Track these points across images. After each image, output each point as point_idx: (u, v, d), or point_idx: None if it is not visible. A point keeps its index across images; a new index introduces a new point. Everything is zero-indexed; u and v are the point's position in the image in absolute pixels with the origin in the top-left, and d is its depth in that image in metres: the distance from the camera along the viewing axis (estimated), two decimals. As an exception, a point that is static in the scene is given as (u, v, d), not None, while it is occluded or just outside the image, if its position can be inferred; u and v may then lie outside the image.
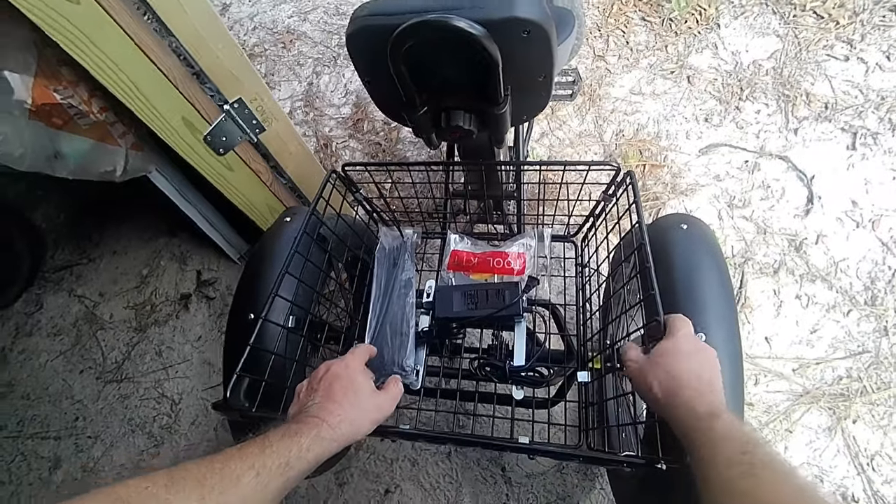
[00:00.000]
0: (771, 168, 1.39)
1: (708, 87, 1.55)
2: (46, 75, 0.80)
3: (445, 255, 0.94)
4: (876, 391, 1.08)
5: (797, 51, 1.53)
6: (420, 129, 0.65)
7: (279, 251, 0.79)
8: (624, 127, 1.54)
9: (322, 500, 1.17)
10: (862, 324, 1.16)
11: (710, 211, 1.36)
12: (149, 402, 1.40)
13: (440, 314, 0.84)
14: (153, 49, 0.85)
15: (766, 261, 1.27)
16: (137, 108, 0.87)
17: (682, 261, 0.71)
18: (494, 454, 1.16)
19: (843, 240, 1.26)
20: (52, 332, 1.57)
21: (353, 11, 0.54)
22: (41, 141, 0.87)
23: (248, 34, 2.05)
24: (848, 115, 1.41)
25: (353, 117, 1.76)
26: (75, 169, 0.94)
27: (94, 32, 0.75)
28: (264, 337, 0.69)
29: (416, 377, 0.83)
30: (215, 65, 0.95)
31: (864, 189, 1.31)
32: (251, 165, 1.13)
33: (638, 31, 1.69)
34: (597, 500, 1.08)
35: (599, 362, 0.80)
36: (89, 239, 1.72)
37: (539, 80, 0.58)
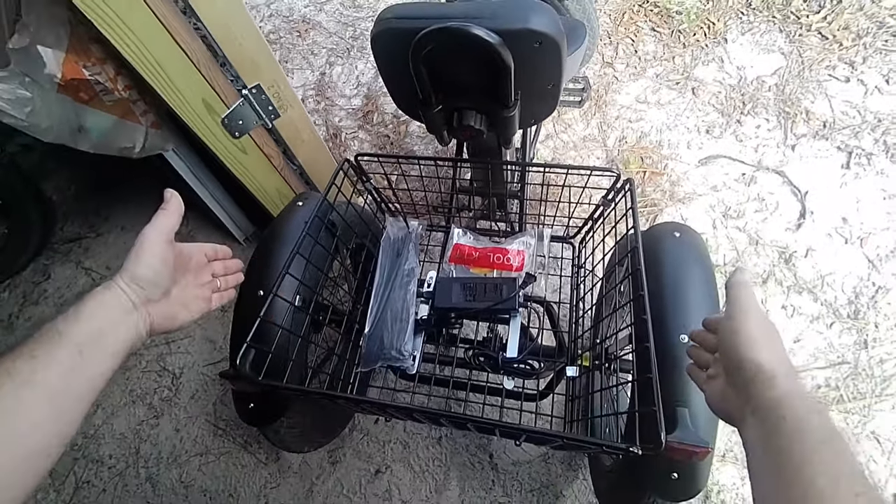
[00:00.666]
0: (767, 182, 1.43)
1: (711, 100, 1.58)
2: (77, 51, 0.83)
3: (448, 248, 0.98)
4: (851, 401, 1.13)
5: (800, 69, 1.57)
6: (433, 126, 0.69)
7: (291, 233, 0.83)
8: (627, 133, 1.58)
9: (315, 476, 1.22)
10: (844, 336, 1.21)
11: (705, 220, 1.40)
12: (150, 374, 1.44)
13: (439, 304, 0.88)
14: (179, 31, 0.88)
15: (755, 271, 1.31)
16: (161, 88, 0.91)
17: (671, 267, 0.75)
18: (483, 441, 1.21)
19: (832, 255, 1.31)
20: (58, 301, 1.61)
21: (379, 13, 0.58)
22: (67, 114, 0.90)
23: (265, 21, 2.07)
24: (845, 135, 1.45)
25: (363, 109, 1.79)
26: (97, 143, 0.98)
27: (125, 12, 0.79)
28: (272, 312, 0.72)
29: (413, 362, 0.87)
30: (237, 50, 0.98)
31: (855, 207, 1.36)
32: (264, 150, 1.17)
33: (647, 41, 1.73)
34: (579, 489, 1.13)
35: (588, 359, 0.84)
36: (98, 214, 1.76)
37: (548, 87, 0.61)
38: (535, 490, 1.14)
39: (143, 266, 0.50)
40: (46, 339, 0.42)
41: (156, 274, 0.51)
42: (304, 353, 0.83)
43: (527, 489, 1.14)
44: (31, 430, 0.39)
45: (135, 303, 0.49)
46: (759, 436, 0.43)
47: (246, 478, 1.25)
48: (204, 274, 0.60)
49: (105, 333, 0.46)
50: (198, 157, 1.27)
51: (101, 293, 0.48)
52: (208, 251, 0.61)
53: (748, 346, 0.47)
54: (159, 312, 0.53)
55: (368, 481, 1.21)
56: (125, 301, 0.49)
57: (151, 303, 0.51)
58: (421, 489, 1.18)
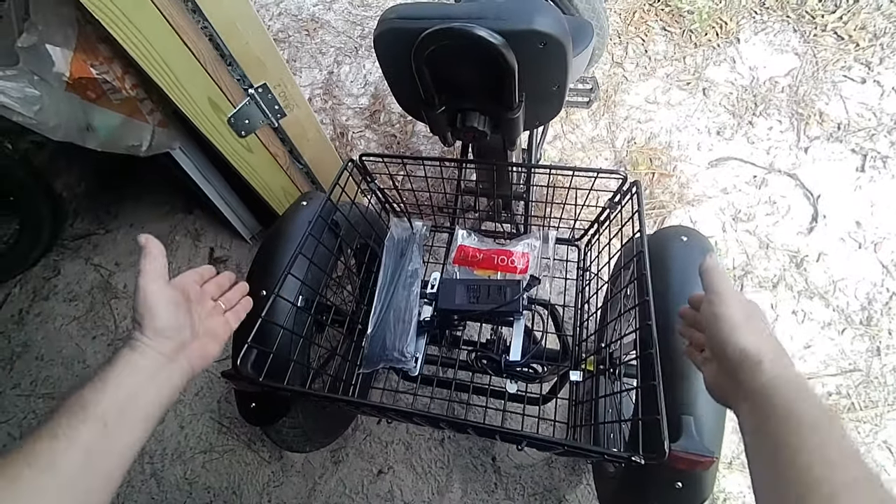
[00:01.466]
0: (778, 184, 1.41)
1: (722, 101, 1.56)
2: (85, 50, 0.84)
3: (452, 249, 0.98)
4: (864, 409, 1.11)
5: (814, 70, 1.54)
6: (437, 127, 0.68)
7: (294, 232, 0.83)
8: (636, 134, 1.56)
9: (318, 475, 1.22)
10: (856, 343, 1.18)
11: (714, 222, 1.38)
12: (157, 370, 1.44)
13: (443, 306, 0.88)
14: (186, 31, 0.88)
15: (765, 275, 1.29)
16: (168, 88, 0.91)
17: (678, 272, 0.74)
18: (486, 444, 1.20)
19: (844, 260, 1.28)
20: (67, 297, 1.62)
21: (382, 13, 0.57)
22: (75, 113, 0.91)
23: (273, 19, 2.08)
24: (860, 137, 1.42)
25: (370, 108, 1.79)
26: (104, 142, 0.98)
27: (132, 11, 0.79)
28: (274, 312, 0.72)
29: (415, 364, 0.86)
30: (243, 50, 0.98)
31: (869, 211, 1.33)
32: (270, 149, 1.17)
33: (657, 41, 1.71)
34: (582, 494, 1.11)
35: (592, 364, 0.83)
36: (108, 211, 1.77)
37: (553, 89, 0.60)
38: (537, 494, 1.13)
39: (159, 317, 0.48)
40: (69, 413, 0.41)
41: (175, 318, 0.50)
42: (306, 353, 0.83)
43: (529, 493, 1.14)
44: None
45: (167, 355, 0.48)
46: (752, 423, 0.43)
47: (249, 476, 1.25)
48: (205, 301, 0.58)
49: (135, 399, 0.44)
50: (204, 155, 1.28)
51: (127, 355, 0.46)
52: (195, 277, 0.59)
53: (730, 331, 0.46)
54: (195, 353, 0.52)
55: (371, 482, 1.20)
56: (155, 357, 0.47)
57: (185, 347, 0.50)
58: (423, 491, 1.18)
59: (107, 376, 0.44)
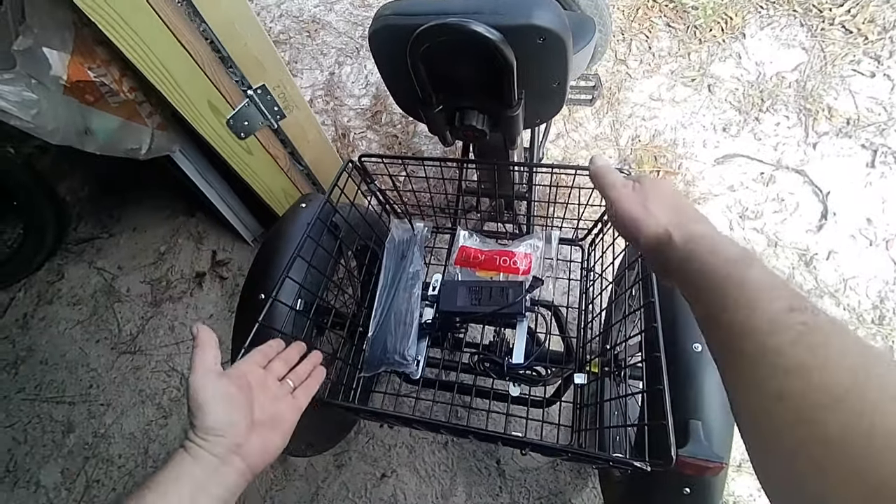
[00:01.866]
0: (786, 181, 1.38)
1: (728, 97, 1.54)
2: (82, 53, 0.83)
3: (453, 251, 0.96)
4: (876, 412, 1.08)
5: (822, 64, 1.51)
6: (435, 126, 0.67)
7: (293, 235, 0.82)
8: (641, 132, 1.54)
9: (321, 479, 1.21)
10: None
11: (721, 221, 1.36)
12: (160, 374, 1.44)
13: (444, 307, 0.86)
14: (184, 33, 0.88)
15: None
16: (166, 90, 0.90)
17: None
18: (490, 447, 1.18)
19: (855, 257, 1.25)
20: (71, 301, 1.63)
21: (377, 10, 0.56)
22: (73, 116, 0.90)
23: (275, 21, 2.08)
24: (870, 132, 1.39)
25: (371, 109, 1.78)
26: (103, 145, 0.98)
27: (129, 15, 0.79)
28: (273, 316, 0.71)
29: (417, 367, 0.85)
30: (242, 51, 0.97)
31: (880, 208, 1.30)
32: (270, 151, 1.16)
33: (661, 37, 1.68)
34: (588, 498, 1.10)
35: (597, 366, 0.81)
36: (111, 215, 1.78)
37: (553, 86, 0.59)
38: (542, 498, 1.12)
39: (211, 415, 0.45)
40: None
41: (227, 415, 0.46)
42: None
43: (535, 497, 1.12)
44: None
45: (220, 456, 0.45)
46: (686, 298, 0.39)
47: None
48: (269, 385, 0.54)
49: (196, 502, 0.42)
50: (205, 158, 1.27)
51: (180, 459, 0.43)
52: (258, 359, 0.56)
53: (635, 228, 0.43)
54: (254, 450, 0.47)
55: (374, 485, 1.19)
56: (209, 461, 0.44)
57: (239, 446, 0.46)
58: (427, 494, 1.16)
59: (164, 480, 0.42)
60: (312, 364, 0.61)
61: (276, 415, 0.52)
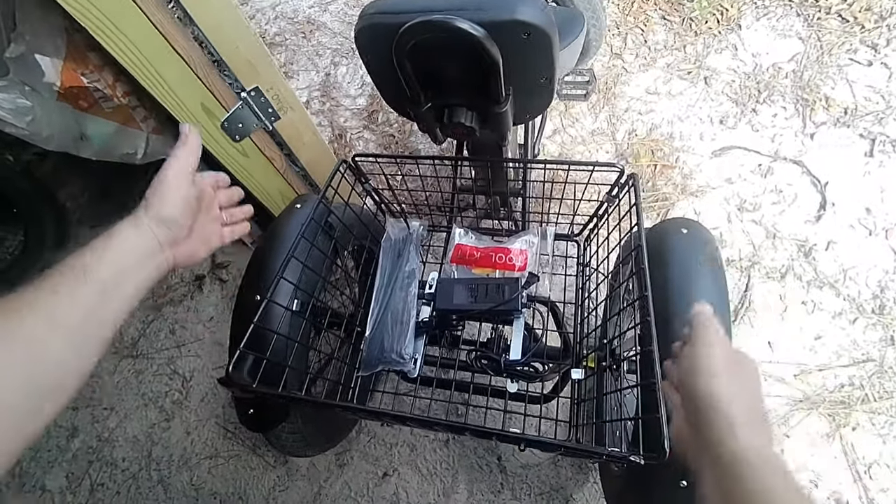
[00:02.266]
0: (784, 172, 1.38)
1: (725, 89, 1.53)
2: (75, 59, 0.84)
3: (449, 249, 0.96)
4: (878, 400, 1.08)
5: (819, 54, 1.50)
6: (425, 124, 0.67)
7: (288, 236, 0.82)
8: (637, 126, 1.53)
9: (323, 479, 1.22)
10: (868, 332, 1.15)
11: (719, 213, 1.35)
12: (162, 378, 1.45)
13: (441, 306, 0.86)
14: (175, 37, 0.88)
15: (773, 265, 1.26)
16: (159, 94, 0.91)
17: (678, 264, 0.72)
18: (491, 444, 1.18)
19: (854, 247, 1.25)
20: (73, 306, 1.63)
21: (362, 8, 0.56)
22: (68, 122, 0.91)
23: (270, 23, 2.08)
24: (867, 122, 1.38)
25: (368, 108, 1.78)
26: (99, 150, 0.98)
27: (119, 19, 0.79)
28: (269, 318, 0.72)
29: (414, 365, 0.85)
30: (234, 53, 0.98)
31: (879, 197, 1.29)
32: (265, 153, 1.16)
33: (657, 30, 1.68)
34: (589, 493, 1.10)
35: (594, 361, 0.81)
36: (110, 220, 1.75)
37: (541, 81, 0.59)
38: (544, 493, 1.12)
39: (168, 206, 0.49)
40: (71, 275, 0.42)
41: (181, 214, 0.50)
42: (303, 358, 0.82)
43: (536, 492, 1.12)
44: (52, 365, 0.39)
45: (161, 244, 0.49)
46: (716, 495, 0.39)
47: (255, 481, 1.25)
48: (213, 207, 0.59)
49: (129, 274, 0.45)
50: (201, 161, 1.27)
51: (127, 231, 0.47)
52: (212, 181, 0.59)
53: (706, 378, 0.43)
54: (182, 252, 0.52)
55: (376, 484, 1.20)
56: (151, 242, 0.48)
57: (176, 243, 0.51)
58: (429, 492, 1.17)
59: (107, 247, 0.45)
60: (245, 214, 0.65)
61: (208, 234, 0.57)
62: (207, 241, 0.57)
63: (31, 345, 0.37)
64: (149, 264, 0.48)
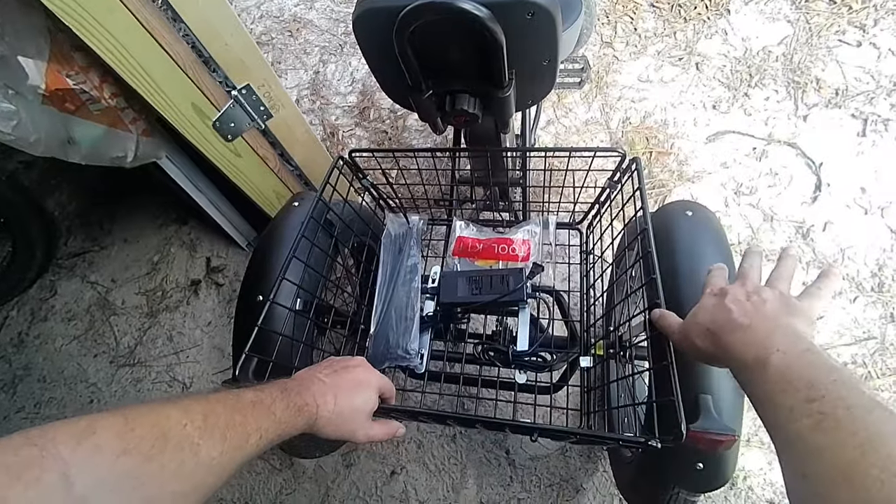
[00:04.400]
0: (779, 155, 1.38)
1: (716, 74, 1.53)
2: (59, 60, 0.81)
3: (451, 241, 0.95)
4: (881, 377, 1.09)
5: (808, 36, 1.51)
6: (425, 113, 0.65)
7: (287, 235, 0.80)
8: (631, 114, 1.53)
9: (330, 480, 1.20)
10: (868, 310, 1.16)
11: (716, 198, 1.36)
12: (161, 385, 1.43)
13: (445, 299, 0.85)
14: (163, 35, 0.86)
15: (772, 248, 1.26)
16: (147, 94, 0.89)
17: (685, 247, 0.72)
18: (499, 437, 1.18)
19: (852, 227, 1.25)
20: (66, 317, 1.60)
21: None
22: (55, 126, 0.88)
23: (255, 22, 2.05)
24: (859, 102, 1.39)
25: (359, 105, 1.76)
26: (87, 154, 0.96)
27: (104, 17, 0.77)
28: (272, 319, 0.70)
29: (420, 361, 0.84)
30: (224, 51, 0.96)
31: (873, 176, 1.30)
32: (259, 152, 1.14)
33: (646, 18, 1.67)
34: (599, 481, 1.09)
35: (602, 348, 0.81)
36: (101, 227, 1.75)
37: (544, 63, 0.58)
38: (554, 485, 1.11)
39: (346, 420, 0.54)
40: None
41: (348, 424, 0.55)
42: (308, 358, 0.81)
43: (546, 484, 1.12)
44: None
45: (310, 420, 0.51)
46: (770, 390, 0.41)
47: (261, 485, 1.23)
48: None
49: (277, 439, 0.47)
50: (193, 163, 1.25)
51: (302, 417, 0.49)
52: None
53: (730, 330, 0.47)
54: (325, 428, 0.54)
55: (384, 483, 1.19)
56: (307, 408, 0.50)
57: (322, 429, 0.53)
58: (438, 488, 1.16)
59: (281, 415, 0.47)
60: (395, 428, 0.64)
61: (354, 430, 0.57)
62: (351, 435, 0.58)
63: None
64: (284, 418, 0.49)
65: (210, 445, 0.38)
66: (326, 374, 0.56)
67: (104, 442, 0.32)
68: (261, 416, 0.44)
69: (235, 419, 0.41)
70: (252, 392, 0.46)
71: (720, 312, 0.48)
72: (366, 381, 0.57)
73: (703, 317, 0.50)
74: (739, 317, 0.46)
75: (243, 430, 0.42)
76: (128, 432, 0.34)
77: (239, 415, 0.42)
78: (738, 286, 0.51)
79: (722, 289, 0.52)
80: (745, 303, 0.48)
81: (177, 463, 0.35)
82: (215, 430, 0.39)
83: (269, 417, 0.45)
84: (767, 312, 0.46)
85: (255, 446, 0.43)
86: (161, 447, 0.35)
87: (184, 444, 0.36)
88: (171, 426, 0.36)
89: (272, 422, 0.45)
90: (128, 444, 0.33)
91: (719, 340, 0.47)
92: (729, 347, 0.46)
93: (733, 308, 0.47)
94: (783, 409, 0.37)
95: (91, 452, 0.31)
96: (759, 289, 0.50)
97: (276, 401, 0.47)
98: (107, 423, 0.34)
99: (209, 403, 0.41)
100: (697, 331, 0.50)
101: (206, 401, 0.41)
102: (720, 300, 0.50)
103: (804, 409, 0.35)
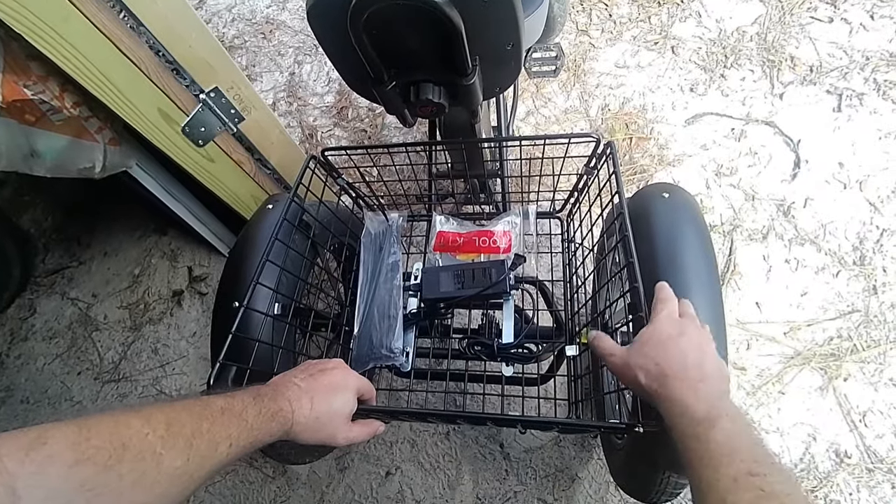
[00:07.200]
0: (757, 134, 1.38)
1: (692, 57, 1.53)
2: (15, 71, 0.78)
3: (431, 237, 0.94)
4: (866, 349, 1.09)
5: (780, 15, 1.51)
6: (391, 105, 0.64)
7: (262, 239, 0.78)
8: (609, 101, 1.53)
9: (325, 485, 1.19)
10: (851, 284, 1.17)
11: (697, 180, 1.36)
12: (147, 399, 1.40)
13: (427, 295, 0.84)
14: (122, 39, 0.83)
15: (754, 227, 1.27)
16: (110, 102, 0.86)
17: (663, 229, 0.71)
18: (493, 432, 1.17)
19: (831, 202, 1.26)
20: (47, 335, 1.57)
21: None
22: (15, 139, 0.86)
23: (227, 26, 2.01)
24: (833, 77, 1.40)
25: (336, 105, 1.74)
26: (52, 167, 0.93)
27: (58, 23, 0.74)
28: (248, 325, 0.68)
29: (406, 359, 0.83)
30: (187, 53, 0.93)
31: (850, 151, 1.31)
32: (233, 156, 1.12)
33: (620, 4, 1.67)
34: (594, 469, 1.09)
35: (587, 336, 0.80)
36: (79, 242, 1.71)
37: (507, 48, 0.57)
38: (549, 475, 1.11)
39: (327, 421, 0.54)
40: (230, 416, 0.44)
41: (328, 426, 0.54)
42: (290, 363, 0.79)
43: (541, 475, 1.11)
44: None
45: (288, 423, 0.50)
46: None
47: (254, 494, 1.22)
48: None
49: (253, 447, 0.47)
50: (166, 171, 1.22)
51: (280, 424, 0.49)
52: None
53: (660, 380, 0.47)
54: (303, 434, 0.53)
55: (380, 484, 1.17)
56: (284, 413, 0.50)
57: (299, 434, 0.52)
58: (434, 487, 1.15)
59: (254, 421, 0.46)
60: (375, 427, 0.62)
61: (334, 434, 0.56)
62: (331, 441, 0.58)
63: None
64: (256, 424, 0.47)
65: (173, 454, 0.37)
66: (302, 378, 0.55)
67: (56, 452, 0.31)
68: (231, 424, 0.43)
69: (202, 427, 0.40)
70: (222, 399, 0.45)
71: (675, 354, 0.48)
72: (343, 384, 0.56)
73: (653, 352, 0.49)
74: (694, 368, 0.47)
75: (211, 438, 0.40)
76: (83, 442, 0.33)
77: (206, 422, 0.41)
78: (692, 326, 0.51)
79: (678, 322, 0.52)
80: (699, 352, 0.48)
81: (137, 473, 0.34)
82: (179, 439, 0.38)
83: (241, 424, 0.44)
84: (718, 371, 0.48)
85: (226, 454, 0.42)
86: (119, 457, 0.34)
87: (145, 454, 0.35)
88: (132, 435, 0.35)
89: (244, 429, 0.44)
90: (82, 454, 0.32)
91: (669, 383, 0.46)
92: (680, 395, 0.45)
93: (690, 356, 0.48)
94: (726, 478, 0.38)
95: (41, 464, 0.30)
96: (706, 339, 0.51)
97: (247, 407, 0.46)
98: (60, 433, 0.32)
99: (174, 411, 0.40)
100: (643, 364, 0.49)
101: (171, 408, 0.40)
102: (675, 340, 0.49)
103: (747, 482, 0.37)
